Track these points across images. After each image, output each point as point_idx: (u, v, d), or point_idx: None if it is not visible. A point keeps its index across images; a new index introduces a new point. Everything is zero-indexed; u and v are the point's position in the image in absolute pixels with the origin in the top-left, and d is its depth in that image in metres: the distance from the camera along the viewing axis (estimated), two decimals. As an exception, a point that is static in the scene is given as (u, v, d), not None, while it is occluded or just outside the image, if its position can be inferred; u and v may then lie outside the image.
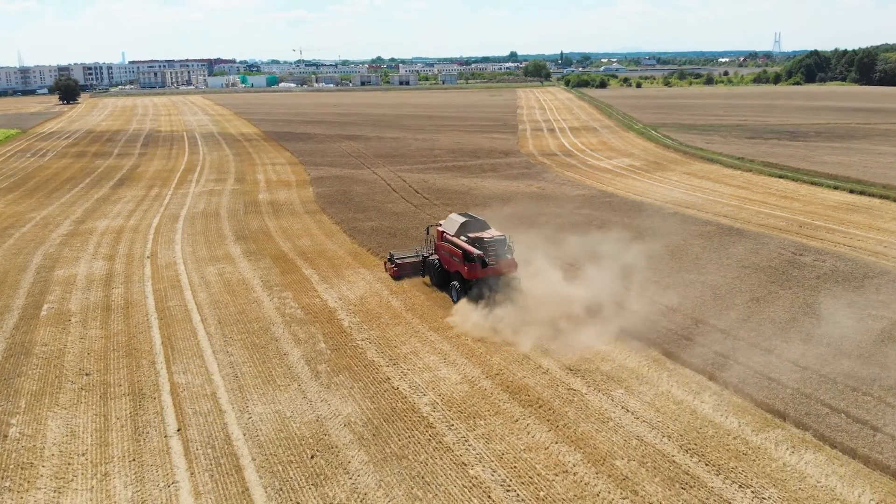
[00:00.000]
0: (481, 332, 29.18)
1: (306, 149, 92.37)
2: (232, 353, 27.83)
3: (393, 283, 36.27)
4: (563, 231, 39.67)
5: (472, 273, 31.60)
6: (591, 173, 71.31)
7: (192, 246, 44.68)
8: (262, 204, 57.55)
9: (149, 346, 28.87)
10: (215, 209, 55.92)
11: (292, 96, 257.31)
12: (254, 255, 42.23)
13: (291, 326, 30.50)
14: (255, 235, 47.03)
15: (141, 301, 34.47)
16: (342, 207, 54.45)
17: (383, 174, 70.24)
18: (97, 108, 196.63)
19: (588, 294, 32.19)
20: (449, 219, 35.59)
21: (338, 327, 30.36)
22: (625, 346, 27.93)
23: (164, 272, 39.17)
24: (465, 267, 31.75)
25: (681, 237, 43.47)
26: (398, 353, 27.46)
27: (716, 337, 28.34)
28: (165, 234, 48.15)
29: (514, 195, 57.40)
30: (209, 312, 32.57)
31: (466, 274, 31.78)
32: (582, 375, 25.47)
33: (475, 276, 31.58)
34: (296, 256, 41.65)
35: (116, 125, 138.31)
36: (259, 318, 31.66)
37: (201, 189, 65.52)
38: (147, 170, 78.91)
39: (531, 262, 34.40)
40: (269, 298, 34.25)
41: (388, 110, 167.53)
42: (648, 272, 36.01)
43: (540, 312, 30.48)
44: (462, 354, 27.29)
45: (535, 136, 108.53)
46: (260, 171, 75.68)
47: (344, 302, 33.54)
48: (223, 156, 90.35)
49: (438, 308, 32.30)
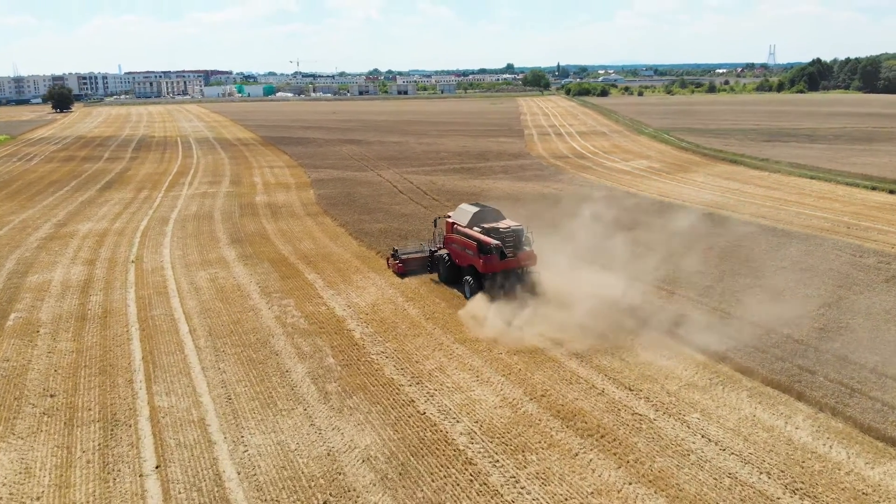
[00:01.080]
0: (514, 342, 24.94)
1: (305, 152, 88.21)
2: (224, 371, 23.49)
3: (409, 288, 32.02)
4: (595, 233, 35.43)
5: (489, 266, 28.78)
6: (609, 175, 67.22)
7: (181, 249, 40.38)
8: (260, 206, 53.29)
9: (127, 362, 24.54)
10: (209, 211, 51.64)
11: (290, 105, 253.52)
12: (250, 258, 37.93)
13: (294, 338, 26.17)
14: (251, 238, 42.74)
15: (121, 309, 30.13)
16: (346, 209, 50.22)
17: (388, 176, 66.06)
18: (90, 116, 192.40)
19: (637, 300, 28.08)
20: (459, 209, 32.81)
21: (348, 339, 26.04)
22: (689, 361, 23.69)
23: (150, 277, 34.86)
24: (479, 260, 28.90)
25: (723, 238, 39.31)
26: (421, 370, 23.13)
27: (793, 348, 24.13)
28: (153, 237, 43.83)
29: (531, 196, 53.25)
30: (199, 322, 28.25)
31: (482, 267, 28.90)
32: (645, 396, 21.17)
33: (492, 269, 28.79)
34: (297, 260, 37.38)
35: (108, 131, 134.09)
36: (256, 328, 27.34)
37: (194, 192, 61.24)
38: (137, 173, 74.61)
39: (570, 265, 30.40)
40: (267, 306, 29.95)
41: (389, 117, 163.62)
42: (699, 276, 31.89)
43: (584, 319, 26.38)
44: (497, 371, 22.97)
45: (542, 139, 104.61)
46: (257, 174, 71.44)
47: (354, 310, 29.24)
48: (218, 159, 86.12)
49: (468, 319, 27.98)
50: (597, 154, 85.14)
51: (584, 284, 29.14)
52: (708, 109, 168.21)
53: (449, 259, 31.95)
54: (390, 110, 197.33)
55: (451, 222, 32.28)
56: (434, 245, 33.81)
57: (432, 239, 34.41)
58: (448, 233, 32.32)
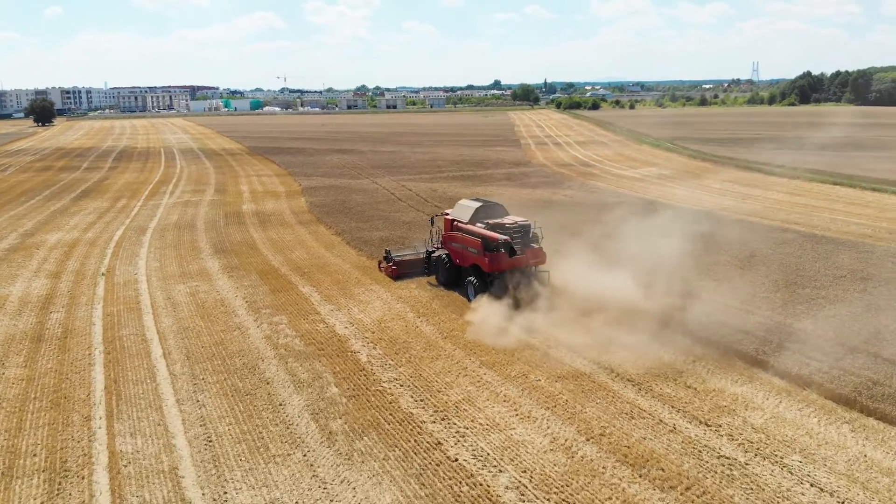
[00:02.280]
0: (552, 364, 20.82)
1: (295, 161, 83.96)
2: (204, 404, 19.18)
3: (419, 302, 27.84)
4: (620, 240, 31.61)
5: (496, 264, 26.27)
6: (619, 182, 63.46)
7: (159, 261, 36.02)
8: (247, 215, 48.99)
9: (85, 394, 20.19)
10: (191, 220, 47.27)
11: (277, 118, 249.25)
12: (236, 270, 33.64)
13: (288, 363, 21.89)
14: (237, 248, 38.44)
15: (84, 329, 25.75)
16: (342, 217, 46.02)
17: (384, 184, 61.95)
18: (72, 129, 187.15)
19: (688, 313, 24.09)
20: (459, 205, 30.44)
21: (353, 363, 21.78)
22: (768, 387, 19.67)
23: (121, 292, 30.49)
24: (485, 258, 26.39)
25: (763, 246, 35.47)
26: (446, 402, 18.91)
27: (888, 370, 20.11)
28: (128, 247, 39.43)
29: (543, 203, 49.26)
30: (175, 344, 23.92)
31: (488, 266, 26.40)
32: (728, 434, 17.05)
33: (499, 268, 26.30)
34: (289, 271, 33.13)
35: (89, 143, 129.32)
36: (243, 351, 23.05)
37: (176, 200, 56.84)
38: (116, 182, 70.08)
39: (603, 272, 26.41)
40: (256, 324, 25.66)
41: (380, 128, 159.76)
42: (749, 286, 27.92)
43: (628, 337, 22.43)
44: (539, 402, 18.79)
45: (541, 149, 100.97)
46: (244, 183, 67.11)
47: (357, 328, 25.01)
48: (202, 168, 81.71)
49: (489, 334, 23.81)
50: (601, 162, 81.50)
51: (620, 294, 25.24)
52: (704, 121, 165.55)
53: (448, 260, 29.21)
54: (381, 122, 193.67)
55: (451, 219, 29.70)
56: (431, 245, 31.11)
57: (429, 238, 31.74)
58: (447, 231, 29.73)
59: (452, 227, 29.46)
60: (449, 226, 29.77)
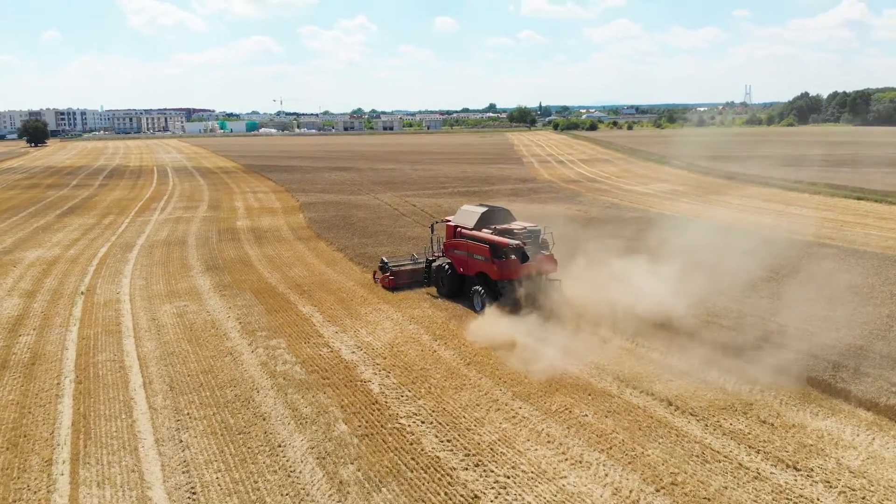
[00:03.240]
0: (599, 395, 17.77)
1: (292, 178, 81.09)
2: (189, 445, 16.06)
3: (434, 322, 24.80)
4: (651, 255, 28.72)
5: (505, 272, 24.67)
6: (632, 197, 60.69)
7: (145, 279, 32.95)
8: (241, 231, 45.97)
9: (49, 431, 17.06)
10: (181, 237, 44.22)
11: (274, 139, 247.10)
12: (229, 288, 30.58)
13: (288, 394, 18.78)
14: (231, 265, 35.40)
15: (55, 354, 22.62)
16: (343, 233, 43.03)
17: (387, 199, 59.05)
18: (65, 149, 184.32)
19: (742, 337, 21.17)
20: (462, 211, 28.94)
21: (364, 395, 18.68)
22: (854, 421, 16.69)
23: (101, 312, 27.38)
24: (493, 265, 24.91)
25: (804, 261, 32.59)
26: (478, 444, 15.81)
27: None
28: (112, 265, 36.34)
29: (558, 218, 46.37)
30: (157, 372, 20.81)
31: (497, 273, 24.85)
32: (824, 479, 14.03)
33: (509, 275, 24.65)
34: (288, 290, 30.08)
35: (80, 162, 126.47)
36: (235, 379, 19.94)
37: (167, 217, 53.80)
38: (104, 199, 67.02)
39: (643, 294, 23.47)
40: (250, 349, 22.57)
41: (378, 148, 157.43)
42: (804, 304, 24.93)
43: (679, 362, 19.52)
44: (590, 443, 15.71)
45: (545, 167, 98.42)
46: (239, 199, 64.13)
47: (366, 352, 21.93)
48: (196, 185, 78.76)
49: (518, 358, 20.76)
50: (609, 178, 78.85)
51: (667, 315, 22.35)
52: (708, 140, 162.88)
53: (451, 269, 27.49)
54: (378, 143, 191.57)
55: (454, 226, 28.10)
56: (432, 254, 29.42)
57: (428, 247, 30.02)
58: (449, 239, 28.06)
59: (455, 233, 27.74)
60: (452, 233, 28.01)
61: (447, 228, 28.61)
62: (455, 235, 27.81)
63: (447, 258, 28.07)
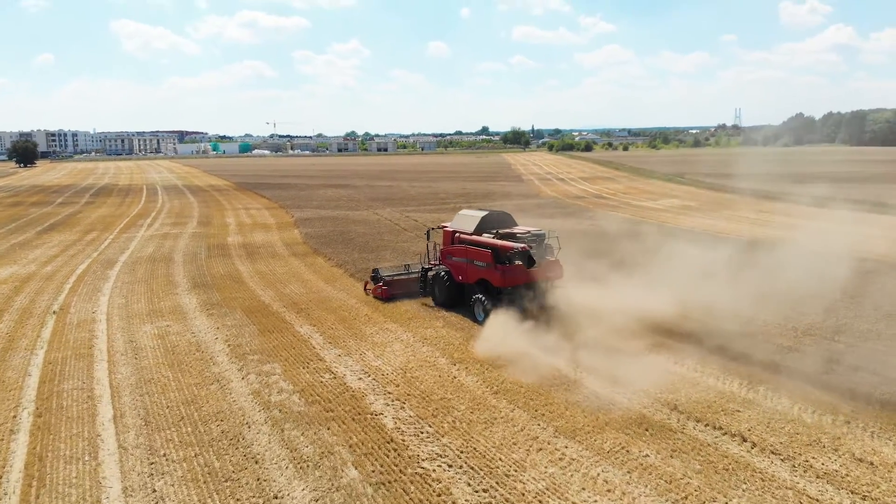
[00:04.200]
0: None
1: (286, 195, 78.19)
2: (164, 496, 13.02)
3: (451, 344, 21.83)
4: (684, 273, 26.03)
5: (510, 278, 23.17)
6: (643, 212, 58.01)
7: (125, 297, 29.88)
8: (232, 247, 42.96)
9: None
10: (168, 253, 41.18)
11: (267, 160, 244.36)
12: (217, 307, 27.56)
13: (285, 430, 15.74)
14: (220, 282, 32.39)
15: (16, 381, 19.53)
16: (343, 248, 40.10)
17: (387, 214, 56.20)
18: (54, 170, 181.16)
19: (813, 359, 18.38)
20: (460, 215, 27.39)
21: (376, 431, 15.66)
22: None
23: (73, 334, 24.31)
24: (496, 271, 23.38)
25: (850, 277, 29.71)
26: (522, 494, 12.81)
27: None
28: (91, 282, 33.27)
29: (572, 234, 43.59)
30: (130, 402, 17.75)
31: (500, 280, 23.31)
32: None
33: (513, 282, 23.21)
34: (283, 308, 27.08)
35: (68, 181, 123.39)
36: (222, 412, 16.90)
37: (153, 233, 50.74)
38: (89, 216, 63.89)
39: (691, 313, 20.67)
40: (240, 375, 19.54)
41: (374, 167, 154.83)
42: (869, 323, 22.11)
43: (744, 391, 16.69)
44: (661, 491, 12.73)
45: (546, 184, 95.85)
46: (230, 215, 61.13)
47: (375, 379, 18.92)
48: (186, 203, 75.73)
49: (552, 384, 17.81)
50: (615, 195, 76.26)
51: (724, 336, 19.54)
52: (705, 159, 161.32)
53: (448, 277, 25.91)
54: (373, 162, 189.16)
55: (452, 231, 26.52)
56: (428, 261, 27.90)
57: (424, 255, 28.52)
58: (447, 245, 26.52)
59: (454, 239, 26.15)
60: (449, 238, 26.42)
61: (444, 234, 26.92)
62: (453, 241, 26.16)
63: (444, 266, 26.47)
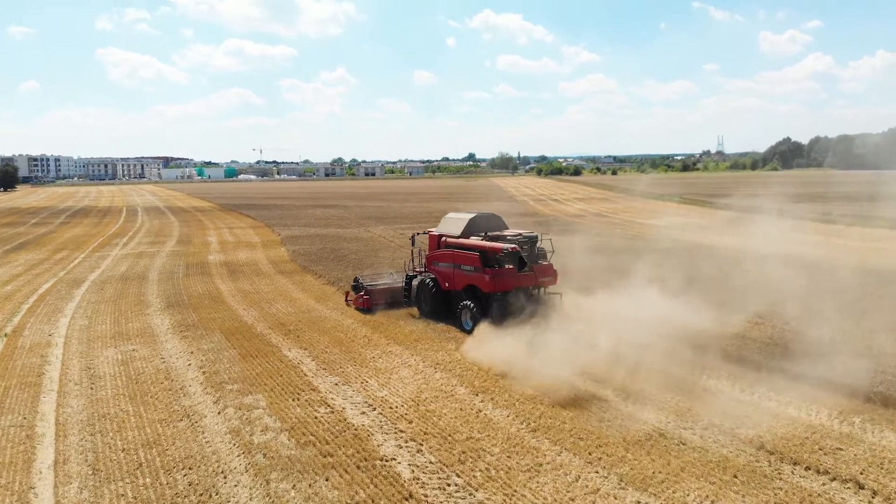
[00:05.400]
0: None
1: (273, 214, 74.65)
2: (96, 582, 9.39)
3: (469, 370, 18.40)
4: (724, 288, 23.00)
5: (500, 282, 21.40)
6: (649, 229, 55.08)
7: (88, 318, 26.23)
8: (213, 265, 39.38)
9: None
10: (142, 271, 37.52)
11: (253, 184, 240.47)
12: (192, 328, 23.98)
13: (271, 482, 12.17)
14: (197, 302, 28.81)
15: (-63, 419, 15.82)
16: (334, 265, 36.64)
17: (380, 232, 52.84)
18: (34, 193, 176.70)
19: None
20: (447, 219, 25.72)
21: (390, 482, 12.13)
22: None
23: (22, 359, 20.65)
24: (484, 275, 21.65)
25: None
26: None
27: None
28: (53, 302, 29.58)
29: (584, 249, 40.39)
30: (78, 444, 14.16)
31: (489, 285, 21.54)
32: None
33: (503, 286, 21.44)
34: (268, 329, 23.55)
35: (47, 203, 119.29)
36: (192, 457, 13.32)
37: (129, 252, 47.03)
38: (62, 236, 59.98)
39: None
40: (216, 409, 15.97)
41: (363, 190, 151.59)
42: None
43: (827, 417, 13.30)
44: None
45: (542, 204, 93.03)
46: (212, 234, 57.49)
47: (383, 412, 15.40)
48: (166, 222, 71.99)
49: (601, 418, 14.37)
50: (615, 213, 73.42)
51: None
52: (703, 182, 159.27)
53: (434, 284, 24.03)
54: (362, 185, 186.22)
55: (438, 235, 24.85)
56: (412, 269, 25.94)
57: (409, 261, 26.55)
58: (433, 249, 24.83)
59: (440, 244, 24.46)
60: (435, 243, 24.72)
61: (430, 239, 25.22)
62: (439, 246, 24.42)
63: (431, 273, 24.56)
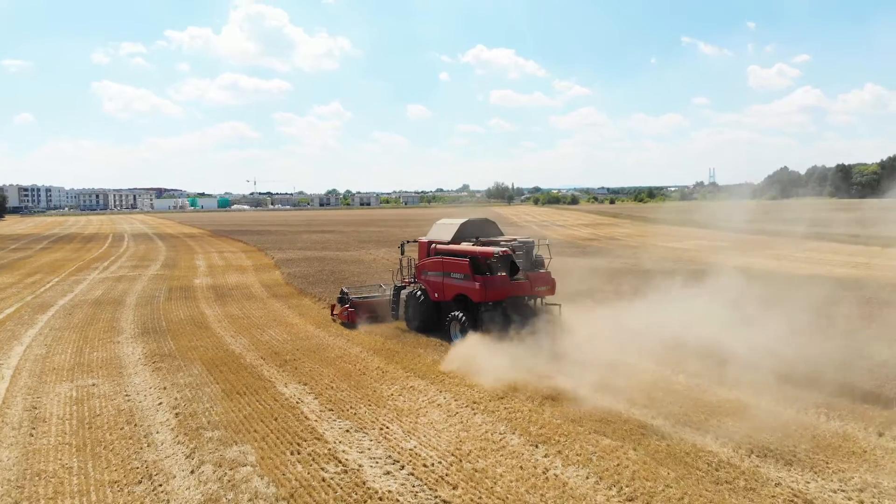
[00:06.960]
0: None
1: (266, 240, 70.55)
2: None
3: (522, 413, 14.34)
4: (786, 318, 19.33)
5: (491, 290, 19.40)
6: (671, 252, 51.37)
7: (46, 347, 22.11)
8: (199, 289, 35.31)
9: None
10: (119, 296, 33.41)
11: (246, 214, 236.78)
12: (168, 358, 19.87)
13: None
14: (177, 328, 24.71)
15: None
16: (335, 288, 32.56)
17: (381, 255, 48.79)
18: (22, 223, 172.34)
19: None
20: (438, 225, 24.06)
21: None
22: None
23: (-51, 399, 16.44)
24: (475, 283, 19.67)
25: None
26: None
27: None
28: (10, 329, 25.45)
29: (606, 272, 36.52)
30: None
31: (479, 293, 19.51)
32: None
33: (495, 295, 19.44)
34: (259, 359, 19.46)
35: (32, 231, 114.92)
36: (142, 544, 9.18)
37: (108, 275, 42.87)
38: (38, 260, 55.76)
39: None
40: (188, 467, 11.87)
41: (359, 218, 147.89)
42: None
43: None
44: None
45: (548, 229, 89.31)
46: (201, 258, 53.36)
47: (414, 471, 11.34)
48: (152, 247, 67.83)
49: (720, 483, 10.32)
50: (630, 237, 69.69)
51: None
52: (701, 209, 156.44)
53: (423, 295, 22.28)
54: (358, 214, 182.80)
55: (428, 242, 23.02)
56: (401, 279, 24.30)
57: (397, 272, 24.84)
58: (422, 258, 22.94)
59: (429, 252, 22.63)
60: (425, 251, 22.91)
61: (420, 247, 23.34)
62: (429, 254, 22.57)
63: (420, 284, 22.68)
